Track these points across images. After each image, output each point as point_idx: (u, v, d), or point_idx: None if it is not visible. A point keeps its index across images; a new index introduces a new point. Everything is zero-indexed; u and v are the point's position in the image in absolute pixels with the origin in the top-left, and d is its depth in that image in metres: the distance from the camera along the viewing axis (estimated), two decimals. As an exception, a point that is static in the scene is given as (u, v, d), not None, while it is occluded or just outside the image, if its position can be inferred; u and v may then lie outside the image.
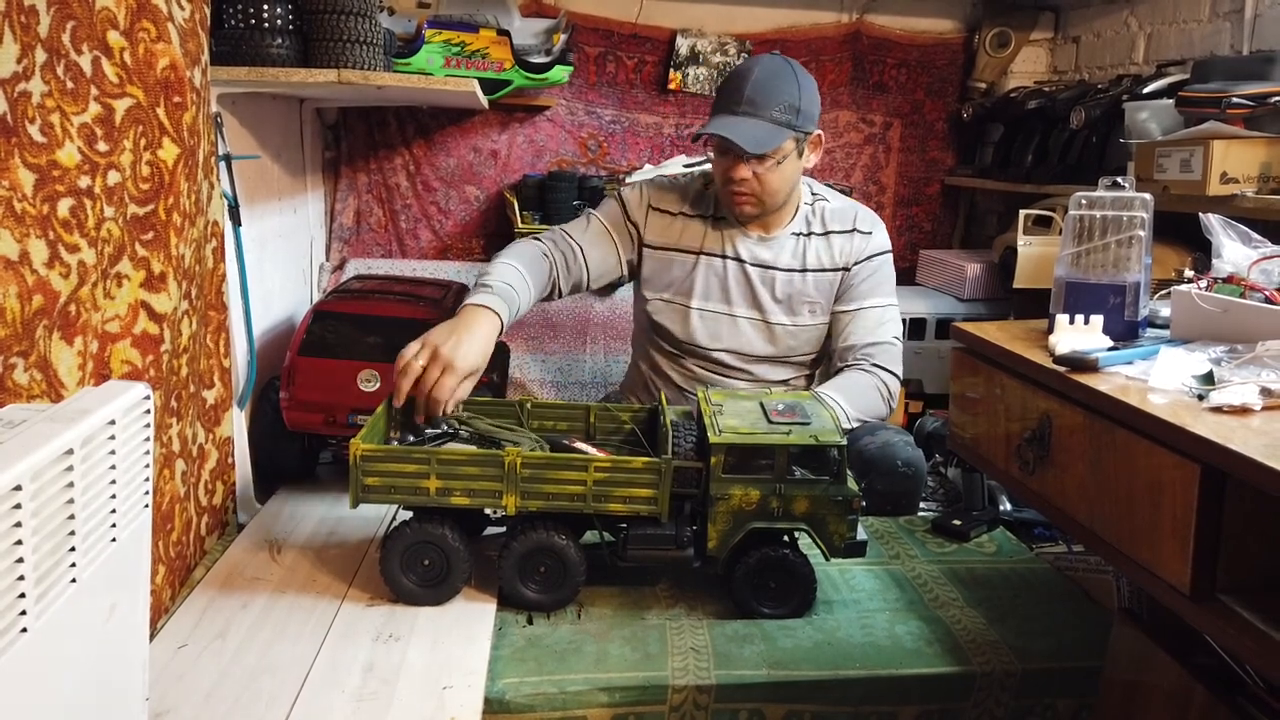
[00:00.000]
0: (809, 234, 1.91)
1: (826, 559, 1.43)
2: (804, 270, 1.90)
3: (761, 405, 1.48)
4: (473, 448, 1.50)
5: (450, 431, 1.56)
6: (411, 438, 1.54)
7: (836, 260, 1.90)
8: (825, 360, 2.00)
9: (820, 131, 1.84)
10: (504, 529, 1.47)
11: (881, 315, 1.89)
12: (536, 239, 1.84)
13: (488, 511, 1.53)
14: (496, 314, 1.58)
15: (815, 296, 1.91)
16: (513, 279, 1.69)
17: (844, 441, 1.38)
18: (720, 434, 1.37)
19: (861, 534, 1.42)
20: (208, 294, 1.57)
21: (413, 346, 1.48)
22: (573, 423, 1.65)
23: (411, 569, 1.41)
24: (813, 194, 1.94)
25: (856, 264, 1.90)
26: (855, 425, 1.79)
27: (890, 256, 1.94)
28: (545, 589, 1.43)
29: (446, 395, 1.46)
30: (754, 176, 1.77)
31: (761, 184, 1.78)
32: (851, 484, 1.40)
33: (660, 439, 1.49)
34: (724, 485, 1.38)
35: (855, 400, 1.79)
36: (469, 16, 2.53)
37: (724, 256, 1.90)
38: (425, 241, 2.81)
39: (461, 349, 1.48)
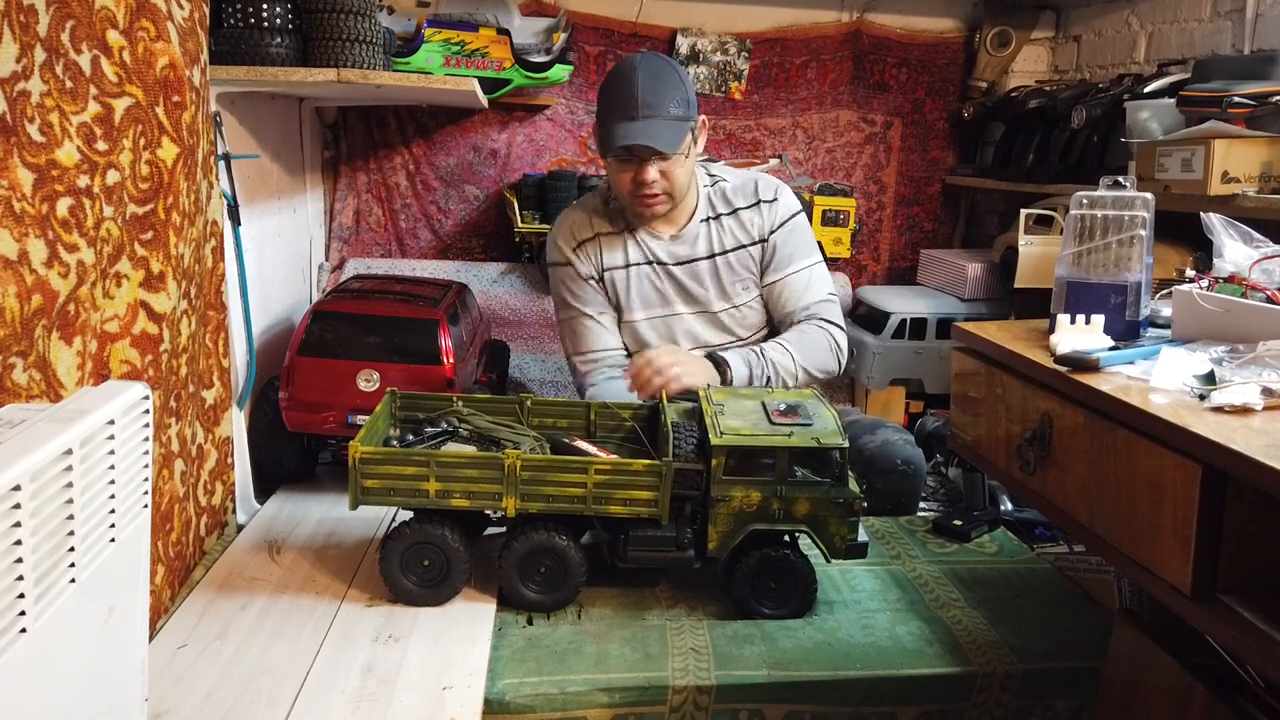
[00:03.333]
0: (717, 216, 1.91)
1: (827, 560, 1.42)
2: (724, 253, 1.91)
3: (763, 405, 1.47)
4: (472, 449, 1.50)
5: (450, 430, 1.56)
6: (411, 437, 1.54)
7: (751, 234, 1.91)
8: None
9: (703, 115, 1.86)
10: (504, 529, 1.47)
11: (809, 276, 1.91)
12: (606, 372, 1.89)
13: (488, 512, 1.52)
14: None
15: (743, 274, 1.92)
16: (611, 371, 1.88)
17: (845, 443, 1.37)
18: (721, 435, 1.37)
19: (862, 535, 1.42)
20: (207, 294, 1.57)
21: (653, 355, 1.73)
22: (573, 420, 1.65)
23: (411, 569, 1.41)
24: (710, 176, 1.95)
25: (771, 233, 1.91)
26: (802, 375, 1.82)
27: (801, 216, 1.95)
28: (546, 589, 1.43)
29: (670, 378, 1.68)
30: (662, 175, 1.78)
31: (670, 180, 1.79)
32: (853, 485, 1.39)
33: (660, 439, 1.49)
34: (725, 487, 1.37)
35: (805, 351, 1.82)
36: (469, 15, 2.52)
37: (648, 263, 1.91)
38: (425, 241, 2.80)
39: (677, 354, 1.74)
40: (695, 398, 1.57)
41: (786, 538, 1.44)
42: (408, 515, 1.45)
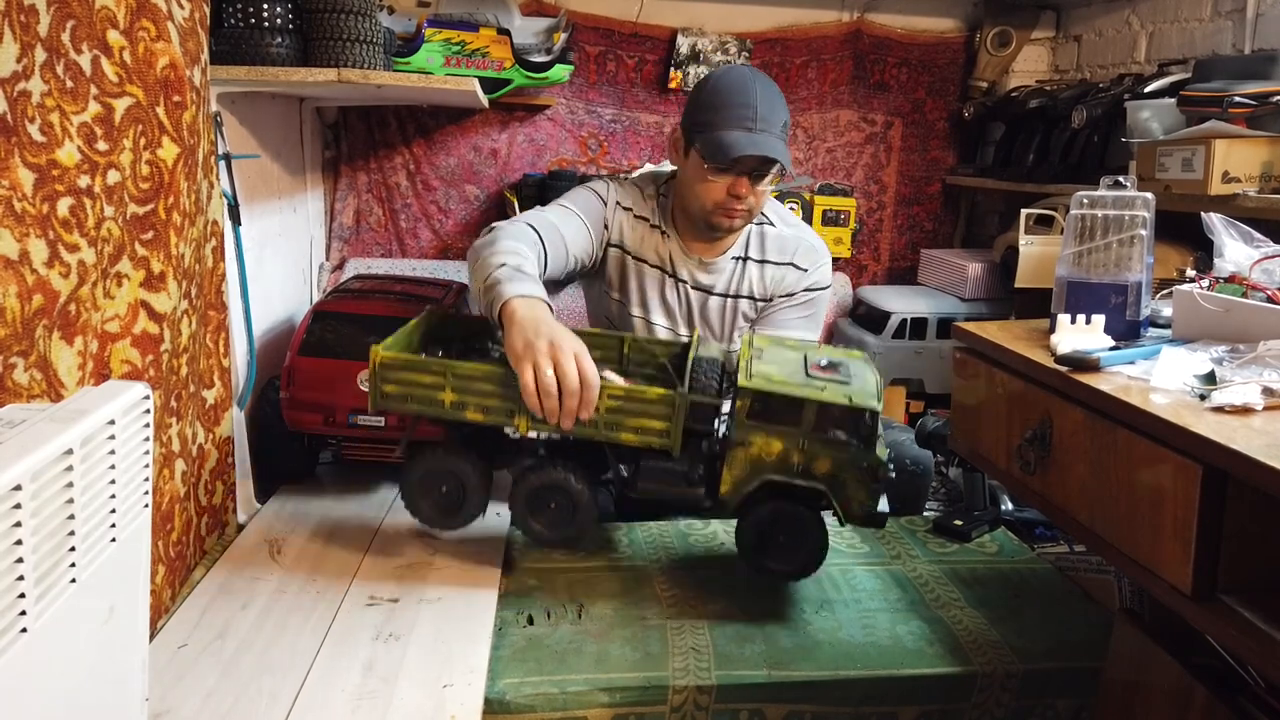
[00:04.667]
0: (746, 258, 1.85)
1: (841, 524, 1.37)
2: (736, 296, 1.85)
3: (805, 358, 1.42)
4: (490, 366, 1.41)
5: (479, 350, 1.55)
6: (441, 353, 1.50)
7: (766, 289, 1.85)
8: None
9: None
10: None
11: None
12: (531, 225, 1.70)
13: (507, 431, 1.46)
14: (546, 303, 1.46)
15: (745, 325, 1.87)
16: (530, 268, 1.55)
17: (879, 407, 1.31)
18: (751, 378, 1.32)
19: (884, 505, 1.35)
20: (207, 293, 1.57)
21: (527, 369, 1.31)
22: (606, 352, 1.59)
23: (429, 494, 1.44)
24: (762, 214, 1.87)
25: (781, 296, 1.84)
26: None
27: (826, 295, 1.87)
28: (551, 525, 1.43)
29: (596, 377, 1.33)
30: (753, 194, 1.71)
31: (757, 201, 1.73)
32: (882, 451, 1.33)
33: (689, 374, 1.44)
34: (746, 431, 1.32)
35: None
36: (469, 15, 2.52)
37: (671, 275, 1.85)
38: (425, 241, 2.81)
39: (560, 333, 1.34)
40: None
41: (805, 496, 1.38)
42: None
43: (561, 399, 1.31)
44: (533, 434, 1.41)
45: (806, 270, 1.85)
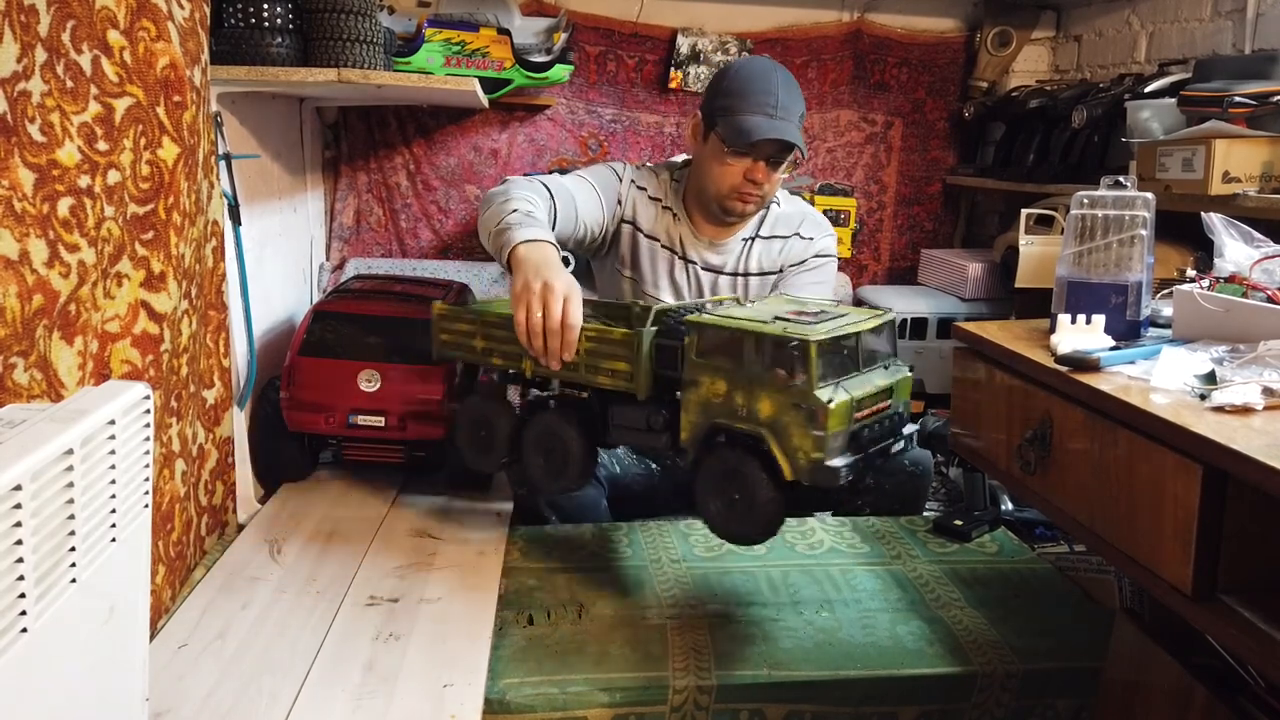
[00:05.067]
0: (755, 237, 1.91)
1: (786, 480, 1.21)
2: (746, 274, 1.91)
3: (802, 307, 1.35)
4: (508, 313, 1.45)
5: None
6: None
7: (775, 263, 1.91)
8: None
9: None
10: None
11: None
12: (544, 184, 1.71)
13: (512, 373, 1.55)
14: (552, 244, 1.50)
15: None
16: (540, 215, 1.60)
17: (813, 339, 1.17)
18: (699, 313, 1.29)
19: (837, 461, 1.18)
20: (208, 293, 1.57)
21: (520, 310, 1.37)
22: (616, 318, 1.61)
23: (473, 442, 1.58)
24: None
25: (791, 265, 1.90)
26: None
27: (834, 263, 1.94)
28: (548, 474, 1.47)
29: (579, 318, 1.36)
30: (768, 179, 1.77)
31: (771, 187, 1.80)
32: (820, 395, 1.17)
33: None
34: (696, 370, 1.27)
35: None
36: (469, 15, 2.52)
37: (682, 256, 1.90)
38: (425, 241, 2.80)
39: (555, 275, 1.38)
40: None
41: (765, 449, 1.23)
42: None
43: (546, 339, 1.35)
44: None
45: (812, 238, 1.91)
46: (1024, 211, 2.34)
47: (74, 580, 0.79)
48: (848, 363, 1.23)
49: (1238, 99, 1.73)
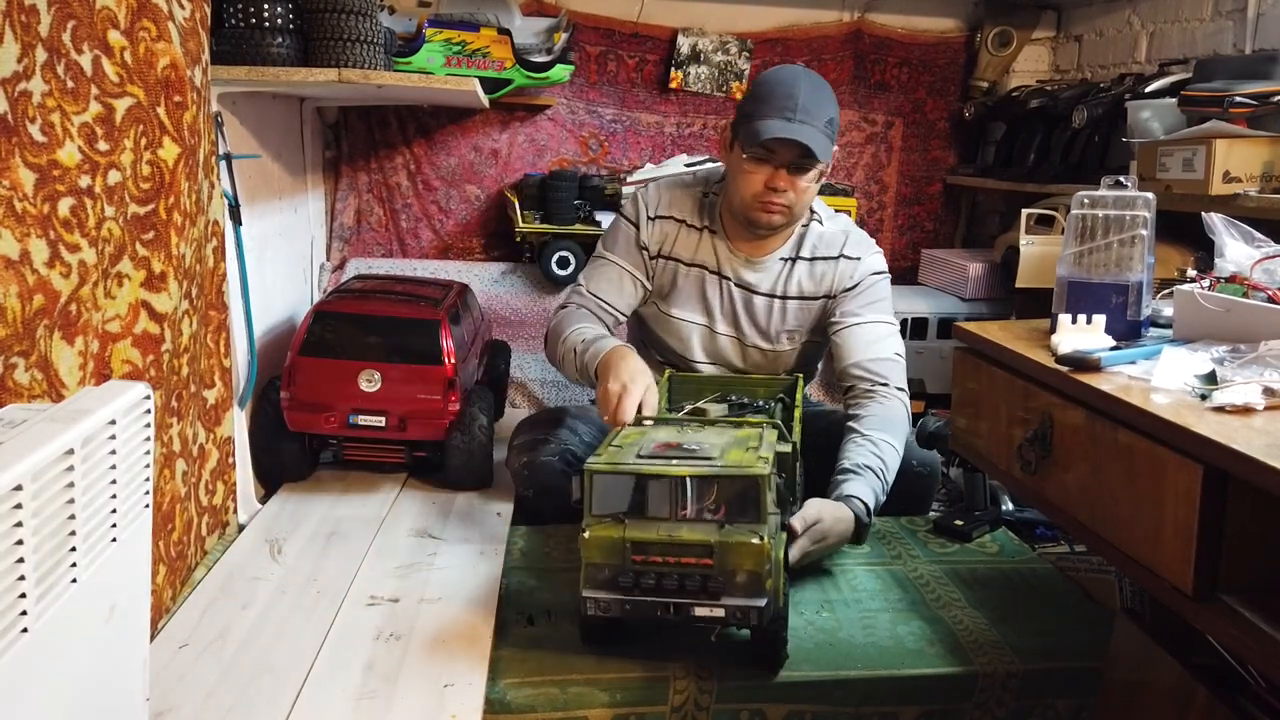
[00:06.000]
0: (795, 258, 1.84)
1: None
2: (784, 297, 1.84)
3: (681, 429, 1.39)
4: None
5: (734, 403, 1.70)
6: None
7: (820, 287, 1.84)
8: (822, 368, 1.97)
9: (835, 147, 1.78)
10: None
11: (878, 330, 1.80)
12: (582, 306, 1.81)
13: None
14: (623, 346, 1.66)
15: (793, 325, 1.85)
16: (598, 329, 1.76)
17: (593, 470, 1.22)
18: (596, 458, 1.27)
19: (589, 592, 1.22)
20: (208, 293, 1.57)
21: (604, 411, 1.55)
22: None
23: None
24: (811, 212, 1.86)
25: (843, 291, 1.83)
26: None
27: (886, 280, 1.87)
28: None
29: (632, 411, 1.50)
30: (792, 188, 1.70)
31: (796, 196, 1.72)
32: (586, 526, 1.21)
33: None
34: None
35: (899, 437, 1.69)
36: (470, 15, 2.52)
37: (715, 273, 1.84)
38: (426, 241, 2.80)
39: (632, 376, 1.55)
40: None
41: None
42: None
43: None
44: None
45: (860, 258, 1.84)
46: (1024, 211, 2.34)
47: (74, 580, 0.79)
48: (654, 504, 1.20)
49: (1238, 99, 1.73)
